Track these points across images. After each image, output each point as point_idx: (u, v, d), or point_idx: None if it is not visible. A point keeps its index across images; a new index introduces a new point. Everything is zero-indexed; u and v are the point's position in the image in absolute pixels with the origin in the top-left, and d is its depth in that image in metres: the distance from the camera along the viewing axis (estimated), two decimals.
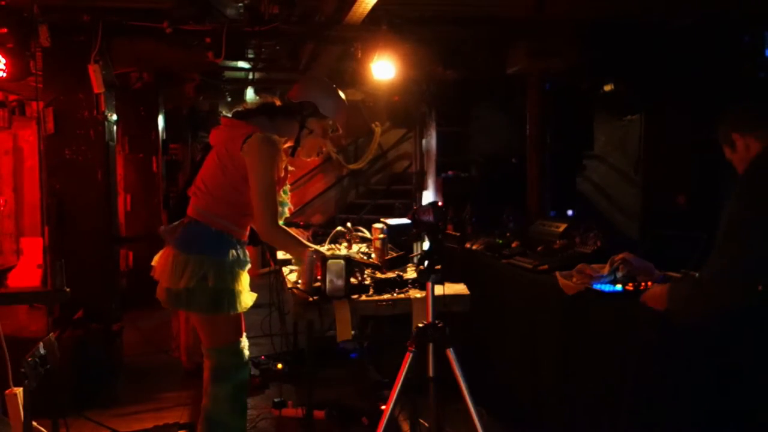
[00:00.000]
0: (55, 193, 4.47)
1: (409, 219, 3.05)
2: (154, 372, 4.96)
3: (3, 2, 4.12)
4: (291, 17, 4.72)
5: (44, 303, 4.28)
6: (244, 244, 2.81)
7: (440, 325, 2.59)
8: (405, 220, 3.73)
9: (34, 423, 2.78)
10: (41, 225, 4.59)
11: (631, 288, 2.81)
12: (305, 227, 3.74)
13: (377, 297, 2.94)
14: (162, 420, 3.90)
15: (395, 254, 3.37)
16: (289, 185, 3.00)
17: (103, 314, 4.48)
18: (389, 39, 4.74)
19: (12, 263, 6.57)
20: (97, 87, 4.35)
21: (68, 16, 4.30)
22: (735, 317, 2.31)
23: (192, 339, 4.64)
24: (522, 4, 4.68)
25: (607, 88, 5.89)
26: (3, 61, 4.14)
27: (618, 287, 2.86)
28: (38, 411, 2.73)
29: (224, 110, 8.38)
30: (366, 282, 3.00)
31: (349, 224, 3.97)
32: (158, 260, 2.78)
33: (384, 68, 4.81)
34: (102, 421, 3.72)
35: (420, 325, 2.60)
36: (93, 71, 4.31)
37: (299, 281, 2.93)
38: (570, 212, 5.43)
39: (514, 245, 4.17)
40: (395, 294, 2.97)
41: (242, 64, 6.57)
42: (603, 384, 2.79)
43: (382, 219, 3.70)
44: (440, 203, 2.62)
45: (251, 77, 7.28)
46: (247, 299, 2.74)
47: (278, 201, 2.75)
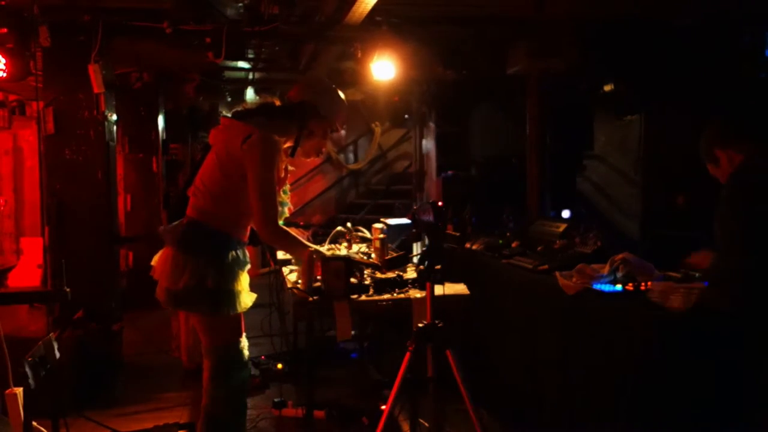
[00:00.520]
0: (55, 193, 4.47)
1: (409, 219, 3.05)
2: (154, 372, 4.96)
3: (3, 2, 4.12)
4: (291, 17, 4.72)
5: (44, 303, 4.29)
6: (244, 244, 2.81)
7: (440, 325, 2.59)
8: (405, 220, 3.74)
9: (34, 423, 2.78)
10: (41, 225, 4.59)
11: (631, 288, 2.81)
12: (305, 227, 3.74)
13: (377, 297, 2.94)
14: (162, 420, 3.90)
15: (395, 254, 3.37)
16: (289, 185, 3.01)
17: (103, 314, 4.48)
18: (389, 39, 4.74)
19: (12, 263, 6.58)
20: (97, 87, 4.35)
21: (68, 16, 4.30)
22: (735, 317, 2.31)
23: (192, 339, 4.64)
24: (522, 4, 4.68)
25: (607, 88, 5.89)
26: (3, 61, 4.14)
27: (618, 287, 2.86)
28: (38, 411, 2.74)
29: (224, 110, 8.37)
30: (366, 282, 3.00)
31: (349, 224, 3.97)
32: (158, 260, 2.78)
33: (384, 68, 4.81)
34: (102, 421, 3.72)
35: (420, 325, 2.61)
36: (93, 71, 4.31)
37: (299, 281, 2.93)
38: (566, 213, 5.41)
39: (514, 245, 4.17)
40: (395, 294, 2.97)
41: (242, 64, 6.57)
42: (603, 384, 2.79)
43: (382, 219, 3.70)
44: (440, 203, 2.61)
45: (251, 77, 7.28)
46: (247, 299, 2.74)
47: (278, 201, 2.75)
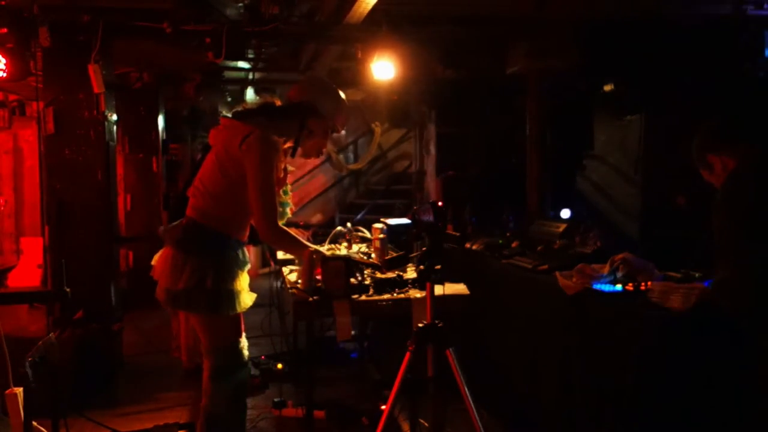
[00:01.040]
0: (55, 193, 4.47)
1: (409, 219, 3.05)
2: (154, 372, 4.95)
3: (3, 2, 4.12)
4: (291, 17, 4.72)
5: (44, 303, 4.29)
6: (244, 245, 2.80)
7: (440, 325, 2.59)
8: (405, 220, 3.73)
9: (34, 423, 2.79)
10: (41, 225, 4.60)
11: (631, 288, 2.80)
12: (305, 227, 3.75)
13: (377, 297, 2.94)
14: (162, 420, 3.89)
15: (395, 254, 3.37)
16: (290, 185, 3.00)
17: (103, 314, 4.48)
18: (389, 39, 4.74)
19: (12, 263, 6.57)
20: (97, 87, 4.35)
21: (68, 16, 4.31)
22: (735, 317, 2.31)
23: (192, 339, 4.64)
24: (522, 4, 4.69)
25: (607, 88, 5.89)
26: (3, 61, 4.15)
27: (618, 287, 2.86)
28: (38, 411, 2.73)
29: (224, 110, 8.37)
30: (366, 282, 3.00)
31: (349, 224, 3.97)
32: (158, 260, 2.79)
33: (384, 68, 4.81)
34: (102, 421, 3.71)
35: (420, 325, 2.60)
36: (93, 71, 4.32)
37: (299, 281, 2.93)
38: (566, 213, 5.40)
39: (514, 245, 4.17)
40: (395, 294, 2.97)
41: (242, 64, 6.57)
42: (603, 384, 2.79)
43: (382, 219, 3.70)
44: (440, 203, 2.61)
45: (251, 77, 7.29)
46: (247, 299, 2.73)
47: (279, 201, 2.75)
